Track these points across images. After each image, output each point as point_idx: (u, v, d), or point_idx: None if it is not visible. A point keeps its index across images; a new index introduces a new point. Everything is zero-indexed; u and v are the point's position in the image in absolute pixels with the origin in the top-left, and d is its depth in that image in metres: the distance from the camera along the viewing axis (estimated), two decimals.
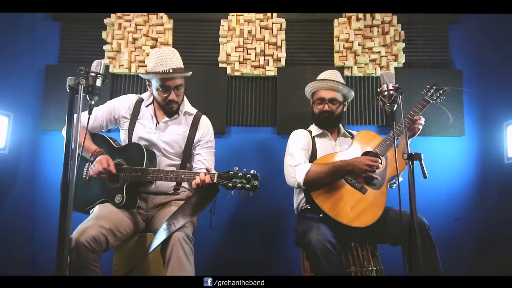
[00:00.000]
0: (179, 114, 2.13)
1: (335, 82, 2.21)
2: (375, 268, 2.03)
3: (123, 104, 2.15)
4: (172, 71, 1.96)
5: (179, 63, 2.02)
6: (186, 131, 2.12)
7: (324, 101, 2.22)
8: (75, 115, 1.32)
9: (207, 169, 1.81)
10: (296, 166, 2.07)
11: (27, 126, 2.83)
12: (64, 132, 2.18)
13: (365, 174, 2.01)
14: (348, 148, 2.17)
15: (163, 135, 2.08)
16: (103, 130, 2.18)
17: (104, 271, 1.72)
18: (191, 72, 2.07)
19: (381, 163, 2.03)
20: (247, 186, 1.71)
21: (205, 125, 2.17)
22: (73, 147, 1.26)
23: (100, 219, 1.74)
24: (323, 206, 1.98)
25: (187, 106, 2.17)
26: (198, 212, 1.81)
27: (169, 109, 2.08)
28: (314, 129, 2.32)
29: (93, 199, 1.95)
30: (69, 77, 1.34)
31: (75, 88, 1.29)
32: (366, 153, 2.10)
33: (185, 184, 2.13)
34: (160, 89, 2.01)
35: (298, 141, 2.22)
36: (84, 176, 2.00)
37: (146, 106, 2.14)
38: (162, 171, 1.88)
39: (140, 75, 2.08)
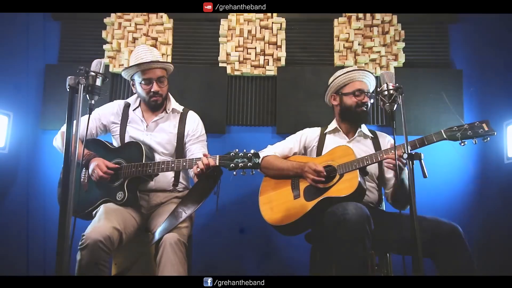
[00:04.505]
0: (167, 112, 2.13)
1: (370, 73, 2.12)
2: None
3: (110, 110, 2.17)
4: (151, 62, 2.00)
5: (158, 57, 2.07)
6: (175, 128, 2.13)
7: (363, 92, 2.07)
8: (77, 116, 1.32)
9: (205, 155, 1.79)
10: (266, 149, 2.21)
11: (27, 125, 2.83)
12: (63, 130, 2.19)
13: (310, 182, 1.95)
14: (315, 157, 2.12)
15: (155, 135, 2.10)
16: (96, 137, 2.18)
17: None
18: (171, 64, 2.12)
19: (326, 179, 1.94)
20: (249, 164, 1.71)
21: (193, 120, 2.18)
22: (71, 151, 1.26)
23: (111, 219, 1.74)
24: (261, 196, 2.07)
25: (174, 103, 2.18)
26: (206, 197, 1.83)
27: (154, 103, 2.07)
28: (330, 125, 2.22)
29: (94, 201, 1.95)
30: (69, 77, 1.34)
31: (75, 87, 1.29)
32: (326, 166, 1.98)
33: (183, 181, 2.14)
34: (143, 82, 2.02)
35: (294, 137, 2.25)
36: (82, 180, 2.00)
37: (133, 110, 2.15)
38: (163, 163, 1.88)
39: (122, 74, 2.10)
